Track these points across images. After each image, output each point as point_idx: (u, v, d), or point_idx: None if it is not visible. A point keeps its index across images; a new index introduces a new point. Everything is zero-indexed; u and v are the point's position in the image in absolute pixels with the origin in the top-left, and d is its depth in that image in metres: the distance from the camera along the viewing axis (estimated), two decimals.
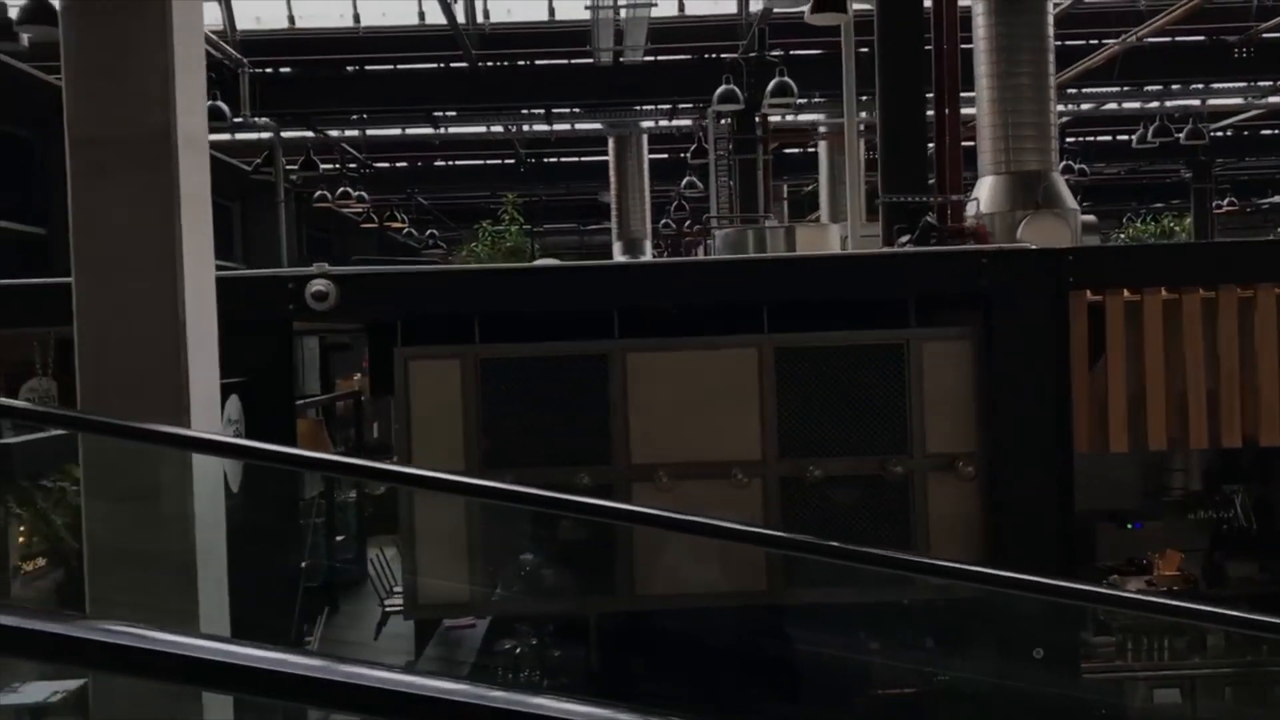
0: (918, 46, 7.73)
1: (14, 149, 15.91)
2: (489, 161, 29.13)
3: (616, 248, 22.12)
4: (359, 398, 13.49)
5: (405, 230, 31.99)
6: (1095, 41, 16.83)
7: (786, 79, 13.59)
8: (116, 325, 3.85)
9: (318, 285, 5.11)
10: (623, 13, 14.30)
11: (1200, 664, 6.28)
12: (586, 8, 14.28)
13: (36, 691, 7.79)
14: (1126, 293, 5.27)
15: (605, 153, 24.67)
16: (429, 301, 5.32)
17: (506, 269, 6.13)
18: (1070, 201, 11.62)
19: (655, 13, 15.06)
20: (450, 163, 28.69)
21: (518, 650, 6.69)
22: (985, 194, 10.57)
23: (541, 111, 19.40)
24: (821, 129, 19.82)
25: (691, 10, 16.97)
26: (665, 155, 26.35)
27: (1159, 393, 5.26)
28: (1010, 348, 5.19)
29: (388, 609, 10.03)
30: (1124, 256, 5.90)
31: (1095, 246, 8.22)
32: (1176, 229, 32.27)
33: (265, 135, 19.14)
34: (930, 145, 8.55)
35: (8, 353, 7.10)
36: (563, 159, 28.48)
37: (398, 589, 10.28)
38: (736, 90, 14.36)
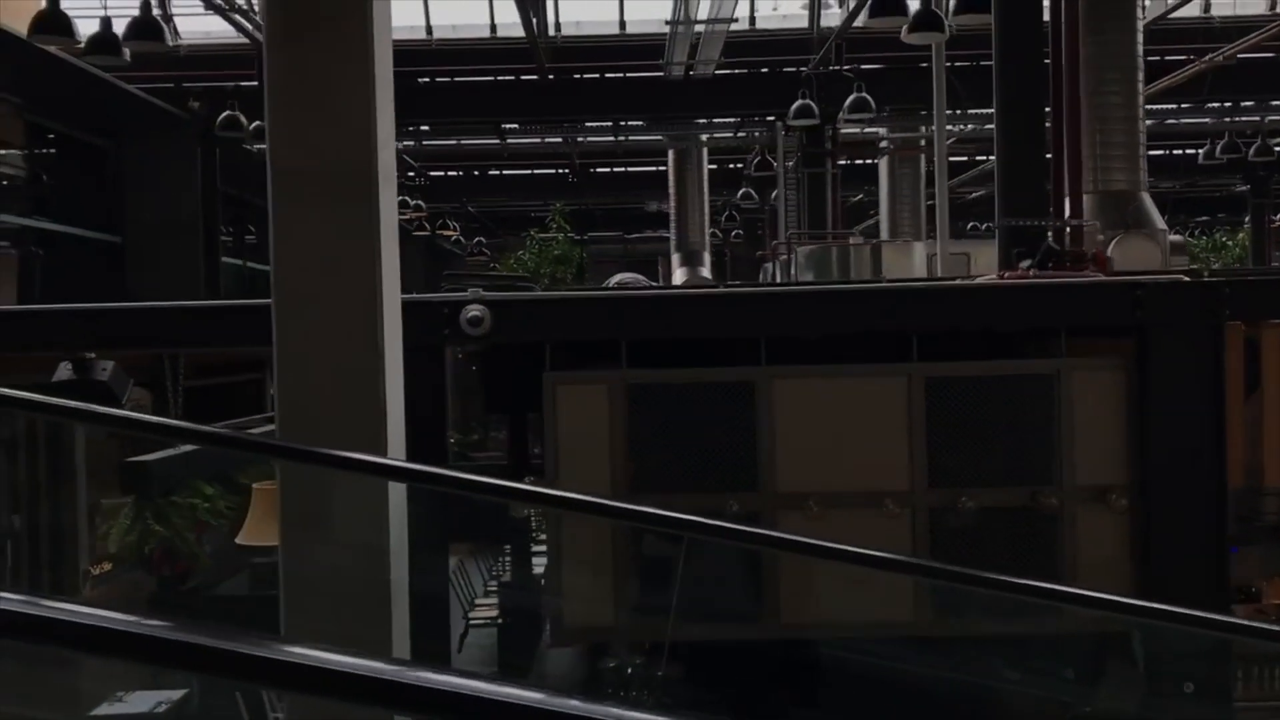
0: (1038, 64, 7.65)
1: (90, 156, 16.08)
2: (538, 172, 29.26)
3: (675, 259, 22.17)
4: None
5: (454, 238, 32.19)
6: (1157, 58, 16.72)
7: (865, 95, 13.57)
8: (317, 353, 3.89)
9: (473, 311, 5.14)
10: (699, 27, 14.32)
11: None
12: (666, 23, 14.31)
13: (141, 701, 7.86)
14: None
15: (655, 163, 24.68)
16: (580, 326, 5.35)
17: (655, 295, 6.15)
18: (1159, 222, 11.53)
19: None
20: (502, 172, 28.83)
21: (629, 670, 6.70)
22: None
23: (609, 124, 19.44)
24: (883, 144, 19.79)
25: (762, 25, 16.98)
26: (714, 166, 26.40)
27: None
28: (1164, 379, 5.17)
29: (471, 621, 10.09)
30: None
31: (1251, 278, 8.11)
32: (1229, 243, 32.05)
33: None
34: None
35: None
36: (614, 169, 28.56)
37: (479, 601, 10.33)
38: (812, 105, 14.35)
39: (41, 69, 12.71)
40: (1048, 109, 8.64)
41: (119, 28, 11.25)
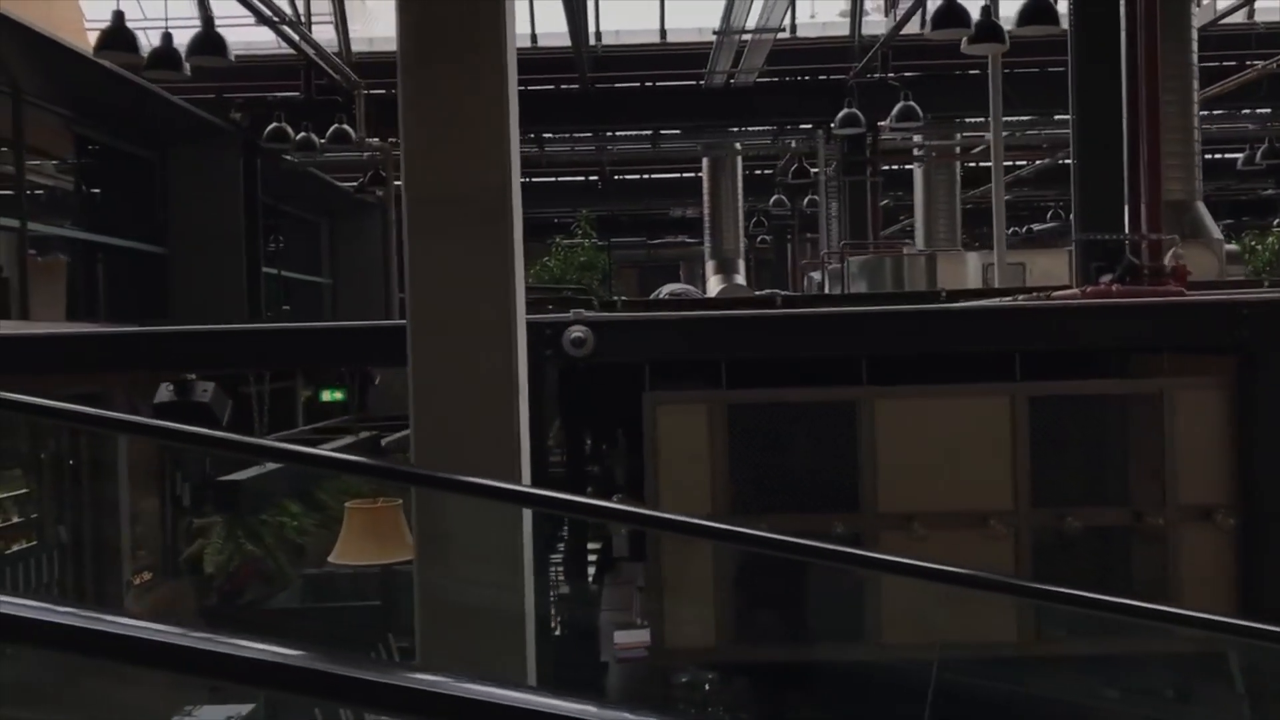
0: (1116, 77, 7.62)
1: (136, 168, 16.15)
2: (563, 179, 29.26)
3: (709, 266, 22.18)
4: None
5: None
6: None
7: (911, 103, 13.56)
8: (454, 379, 3.90)
9: (576, 332, 5.15)
10: (745, 36, 14.31)
11: None
12: (714, 32, 14.31)
13: (210, 715, 7.88)
14: None
15: (684, 169, 24.67)
16: (681, 346, 5.35)
17: (758, 315, 6.16)
18: (1215, 231, 11.51)
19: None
20: (531, 179, 28.87)
21: (705, 687, 6.70)
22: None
23: (648, 132, 19.47)
24: (919, 151, 19.76)
25: (801, 33, 16.97)
26: (744, 172, 26.39)
27: None
28: (1269, 398, 5.15)
29: None
30: None
31: None
32: (1258, 248, 31.89)
33: (365, 155, 19.35)
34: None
35: None
36: (643, 175, 28.58)
37: None
38: (858, 114, 14.34)
39: (90, 81, 12.77)
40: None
41: (140, 37, 11.25)
